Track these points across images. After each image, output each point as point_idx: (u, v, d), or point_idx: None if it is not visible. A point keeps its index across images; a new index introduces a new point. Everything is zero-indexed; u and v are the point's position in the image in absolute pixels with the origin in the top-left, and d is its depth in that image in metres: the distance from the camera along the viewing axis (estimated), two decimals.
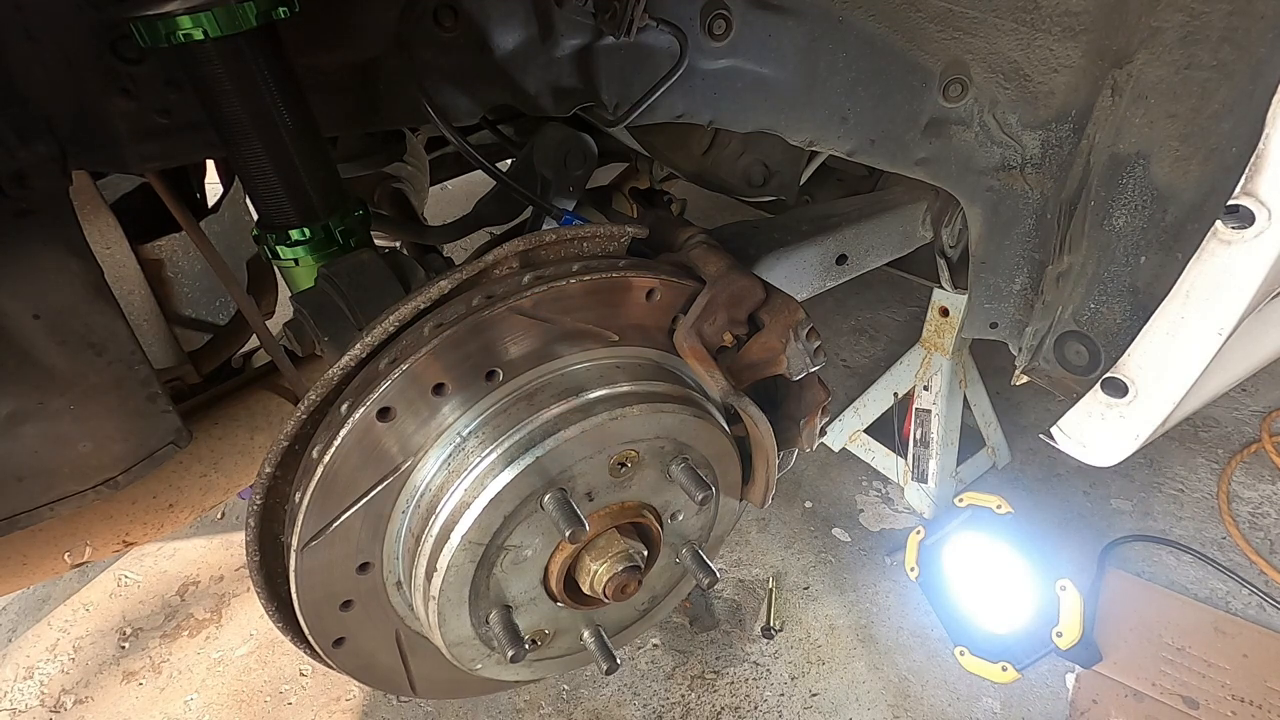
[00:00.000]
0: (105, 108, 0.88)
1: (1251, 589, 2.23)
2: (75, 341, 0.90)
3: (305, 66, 0.96)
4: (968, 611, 2.17)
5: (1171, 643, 2.13)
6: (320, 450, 0.78)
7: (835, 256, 1.44)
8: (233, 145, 0.91)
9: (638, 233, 0.93)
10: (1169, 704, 2.00)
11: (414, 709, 2.14)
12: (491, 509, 0.82)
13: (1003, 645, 2.09)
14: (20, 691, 2.25)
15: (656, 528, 0.95)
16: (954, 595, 2.20)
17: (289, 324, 0.96)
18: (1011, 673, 2.04)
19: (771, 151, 1.50)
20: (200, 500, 1.20)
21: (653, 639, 2.26)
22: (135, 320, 1.44)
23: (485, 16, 1.01)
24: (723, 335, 0.94)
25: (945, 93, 1.11)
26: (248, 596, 2.47)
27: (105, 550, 1.12)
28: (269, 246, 0.99)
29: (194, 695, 2.22)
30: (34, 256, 0.86)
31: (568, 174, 1.47)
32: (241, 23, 0.81)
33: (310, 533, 0.80)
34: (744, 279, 0.93)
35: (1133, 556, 2.39)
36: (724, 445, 0.96)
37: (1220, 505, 2.51)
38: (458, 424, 0.84)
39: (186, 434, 1.03)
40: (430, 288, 0.82)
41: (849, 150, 1.21)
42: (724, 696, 2.11)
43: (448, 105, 1.05)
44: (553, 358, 0.87)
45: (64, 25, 0.82)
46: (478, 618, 0.88)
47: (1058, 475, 2.67)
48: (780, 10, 1.08)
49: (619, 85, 1.11)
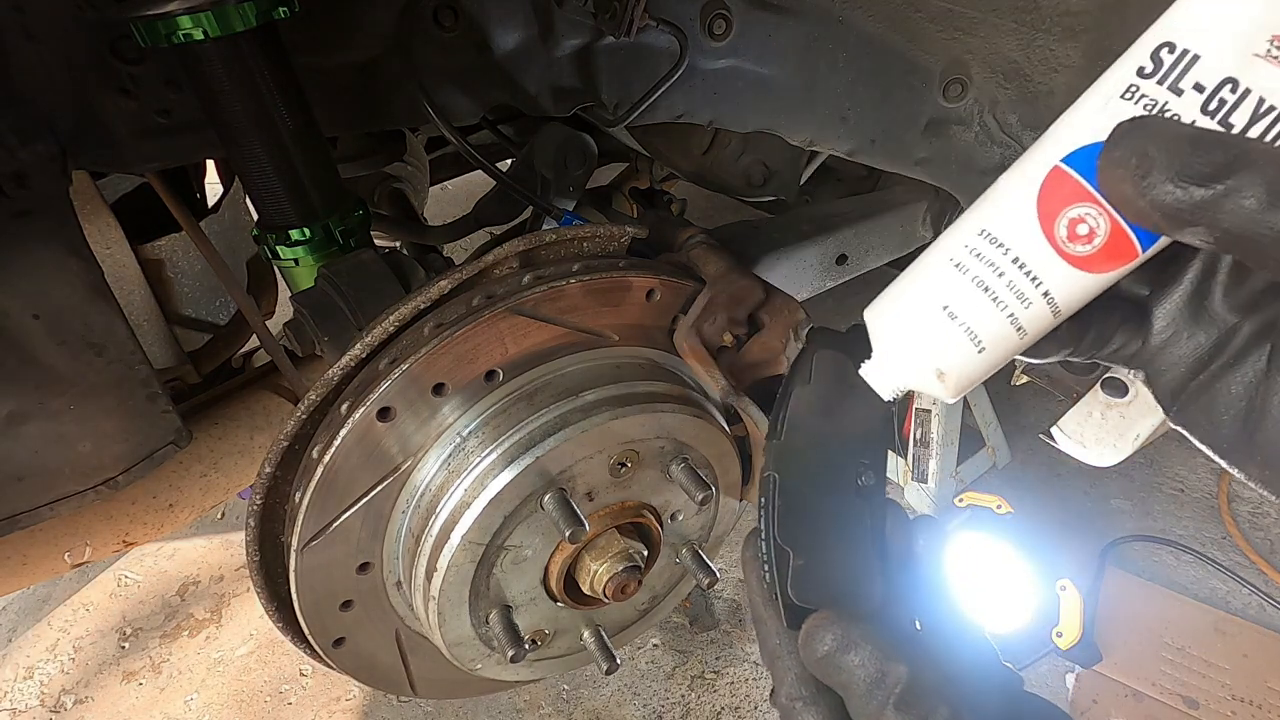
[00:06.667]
0: (105, 108, 0.88)
1: (1251, 589, 2.23)
2: (75, 341, 0.90)
3: (305, 66, 0.96)
4: (968, 611, 2.17)
5: (1171, 643, 2.13)
6: (320, 450, 0.78)
7: (835, 256, 1.44)
8: (232, 145, 0.91)
9: (638, 233, 0.93)
10: (1169, 704, 2.00)
11: (414, 709, 2.14)
12: (491, 509, 0.82)
13: (1003, 645, 2.09)
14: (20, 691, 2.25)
15: (656, 528, 0.95)
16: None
17: (289, 324, 0.96)
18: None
19: (771, 151, 1.50)
20: (200, 500, 1.20)
21: (653, 639, 2.26)
22: (135, 320, 1.44)
23: (485, 16, 1.01)
24: (723, 335, 0.94)
25: (945, 93, 1.11)
26: (248, 596, 2.47)
27: (105, 550, 1.12)
28: (269, 246, 0.99)
29: (194, 695, 2.22)
30: (34, 256, 0.86)
31: (568, 174, 1.47)
32: (241, 23, 0.81)
33: (310, 533, 0.80)
34: (744, 279, 0.93)
35: (1133, 556, 2.39)
36: (724, 445, 0.96)
37: (1220, 505, 2.51)
38: (458, 424, 0.84)
39: (186, 434, 1.03)
40: (430, 288, 0.82)
41: (849, 150, 1.21)
42: (724, 696, 2.11)
43: (448, 105, 1.05)
44: (553, 358, 0.87)
45: (64, 25, 0.82)
46: (478, 618, 0.88)
47: (1058, 475, 2.67)
48: (780, 10, 1.08)
49: (619, 85, 1.11)
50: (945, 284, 0.48)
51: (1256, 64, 0.39)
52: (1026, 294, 0.45)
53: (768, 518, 0.54)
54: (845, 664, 0.47)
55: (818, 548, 0.54)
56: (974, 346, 0.47)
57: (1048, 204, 0.44)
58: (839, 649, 0.47)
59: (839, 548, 0.55)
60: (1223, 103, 0.40)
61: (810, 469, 0.53)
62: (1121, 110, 0.42)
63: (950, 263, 0.47)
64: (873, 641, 0.47)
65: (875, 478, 0.56)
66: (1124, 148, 0.39)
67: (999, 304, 0.46)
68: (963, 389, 0.49)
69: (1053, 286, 0.45)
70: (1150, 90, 0.41)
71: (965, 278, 0.47)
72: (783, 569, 0.53)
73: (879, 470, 0.56)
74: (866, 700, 0.45)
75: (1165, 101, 0.41)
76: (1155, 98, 0.41)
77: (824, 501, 0.55)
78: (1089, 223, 0.43)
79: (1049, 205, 0.44)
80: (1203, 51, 0.40)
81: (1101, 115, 0.43)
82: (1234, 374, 0.44)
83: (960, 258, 0.47)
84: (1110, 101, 0.43)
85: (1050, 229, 0.44)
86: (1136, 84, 0.42)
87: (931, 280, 0.49)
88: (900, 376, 0.51)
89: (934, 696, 0.45)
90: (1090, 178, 0.43)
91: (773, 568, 0.53)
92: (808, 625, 0.49)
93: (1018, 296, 0.45)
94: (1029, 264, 0.45)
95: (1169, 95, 0.41)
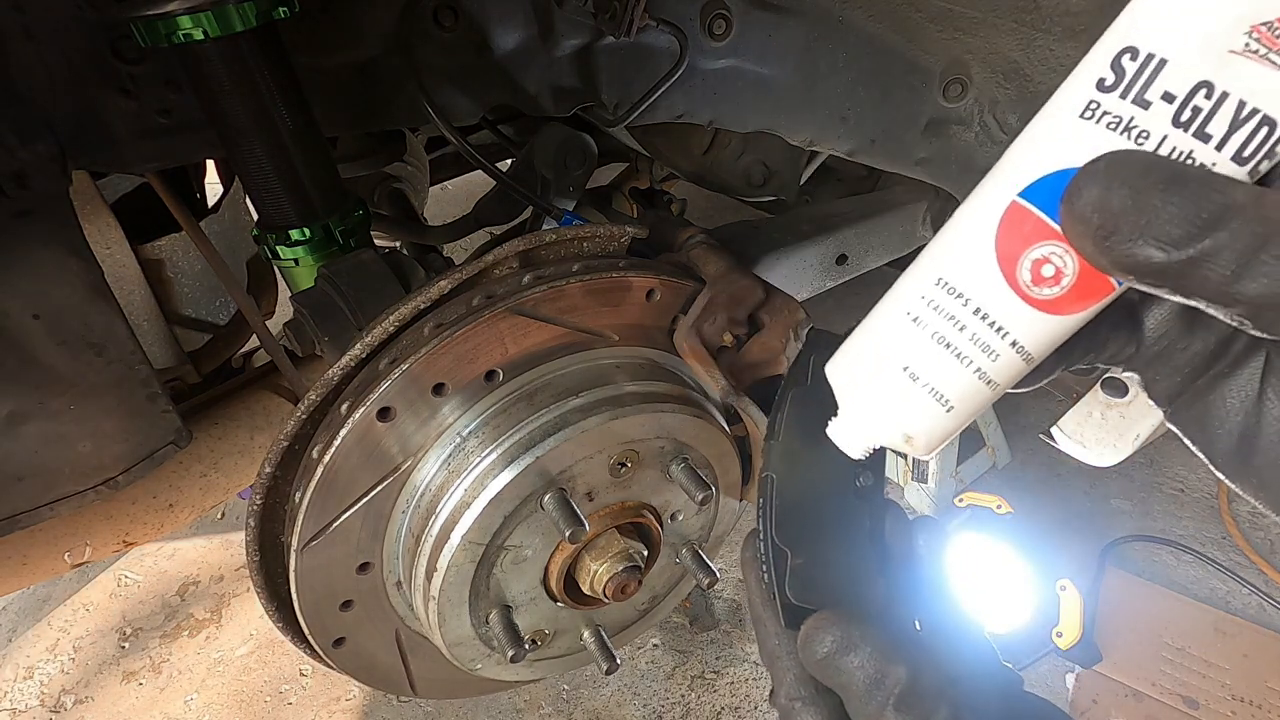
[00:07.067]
0: (105, 108, 0.88)
1: (1251, 589, 2.23)
2: (75, 341, 0.90)
3: (305, 66, 0.96)
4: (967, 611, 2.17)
5: (1171, 643, 2.13)
6: (320, 450, 0.78)
7: (835, 256, 1.44)
8: (232, 145, 0.91)
9: (638, 233, 0.93)
10: (1169, 704, 2.00)
11: (414, 709, 2.14)
12: (491, 509, 0.82)
13: (1003, 645, 2.09)
14: (20, 691, 2.25)
15: (656, 528, 0.95)
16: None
17: (289, 324, 0.96)
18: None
19: (771, 151, 1.50)
20: (200, 500, 1.20)
21: (653, 639, 2.26)
22: (135, 320, 1.44)
23: (485, 16, 1.01)
24: (723, 335, 0.94)
25: (945, 93, 1.11)
26: (248, 596, 2.47)
27: (105, 550, 1.12)
28: (269, 246, 0.99)
29: (194, 695, 2.22)
30: (34, 256, 0.86)
31: (568, 174, 1.47)
32: (241, 23, 0.81)
33: (310, 533, 0.80)
34: (744, 279, 0.93)
35: (1133, 556, 2.39)
36: (724, 445, 0.96)
37: (1220, 505, 2.51)
38: (458, 424, 0.84)
39: (186, 434, 1.03)
40: (430, 287, 0.82)
41: (849, 150, 1.21)
42: (724, 696, 2.11)
43: (448, 105, 1.05)
44: (553, 358, 0.87)
45: (64, 25, 0.82)
46: (478, 618, 0.88)
47: (1058, 475, 2.67)
48: (780, 10, 1.08)
49: (619, 85, 1.11)
50: (903, 342, 0.43)
51: (1234, 62, 0.34)
52: (992, 346, 0.41)
53: (766, 518, 0.53)
54: (844, 665, 0.46)
55: (816, 548, 0.54)
56: (941, 407, 0.43)
57: (1007, 245, 0.39)
58: (838, 650, 0.47)
59: (838, 548, 0.55)
60: (1197, 111, 0.35)
61: (808, 470, 0.53)
62: (1081, 133, 0.37)
63: (907, 317, 0.43)
64: (872, 642, 0.46)
65: (873, 478, 0.56)
66: (1084, 200, 0.35)
67: (963, 360, 0.42)
68: (936, 447, 0.46)
69: (1021, 335, 0.41)
70: (1113, 106, 0.37)
71: (924, 334, 0.42)
72: (781, 569, 0.52)
73: (877, 471, 0.56)
74: (866, 701, 0.45)
75: (1131, 117, 0.36)
76: (1119, 114, 0.36)
77: (822, 502, 0.55)
78: (1055, 263, 0.39)
79: (1009, 247, 0.39)
80: (1170, 54, 0.35)
81: (1059, 140, 0.38)
82: (1230, 383, 0.42)
83: (917, 311, 0.43)
84: (1068, 122, 0.38)
85: (1012, 273, 0.39)
86: (1097, 100, 0.37)
87: (889, 338, 0.45)
88: (867, 438, 0.48)
89: (933, 697, 0.45)
90: (1052, 213, 0.38)
91: (771, 568, 0.53)
92: (807, 626, 0.49)
93: (983, 350, 0.41)
94: (992, 314, 0.40)
95: (1134, 110, 0.36)
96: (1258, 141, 0.35)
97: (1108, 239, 0.34)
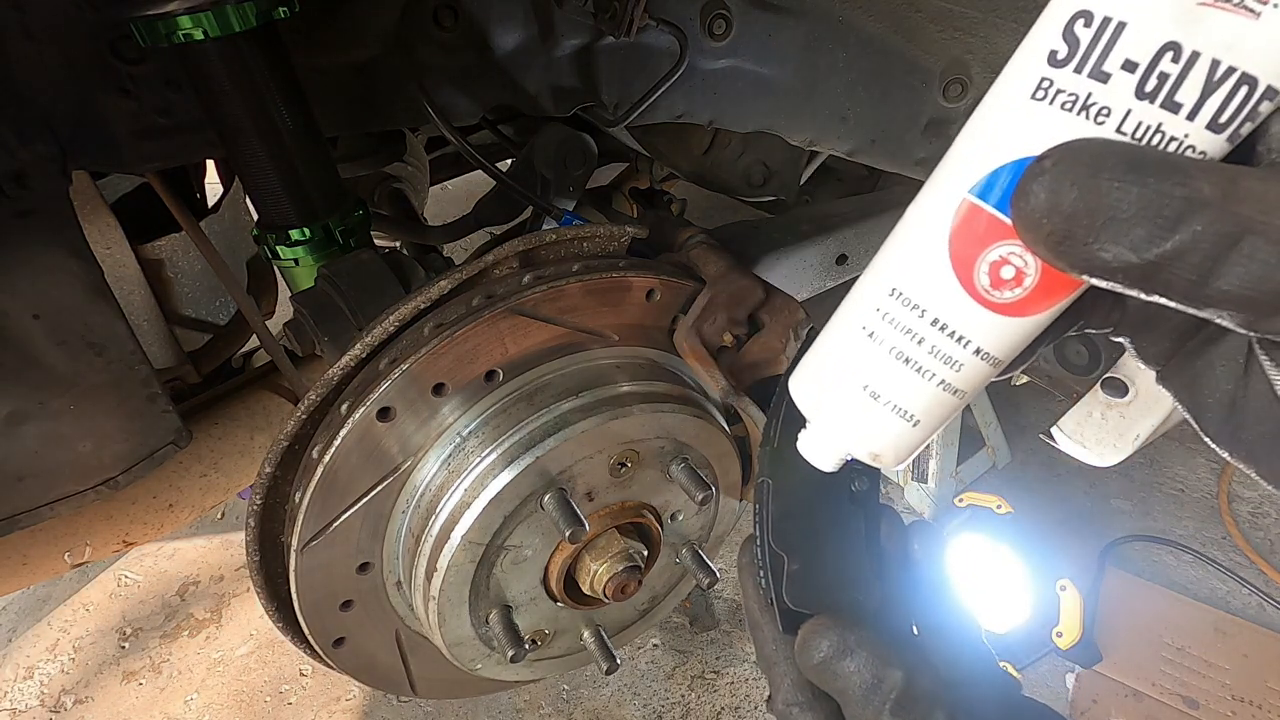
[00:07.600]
0: (105, 108, 0.88)
1: (1251, 589, 2.24)
2: (75, 341, 0.90)
3: (305, 66, 0.96)
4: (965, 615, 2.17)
5: (1171, 643, 2.13)
6: (320, 450, 0.78)
7: (835, 256, 1.44)
8: (232, 145, 0.91)
9: (638, 233, 0.93)
10: (1169, 704, 2.00)
11: (414, 709, 2.14)
12: (491, 509, 0.82)
13: (1003, 645, 2.09)
14: (20, 691, 2.25)
15: (656, 528, 0.95)
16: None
17: (289, 324, 0.96)
18: (1011, 672, 2.05)
19: (771, 151, 1.50)
20: (200, 500, 1.20)
21: (653, 639, 2.26)
22: (135, 320, 1.44)
23: (485, 17, 1.01)
24: (723, 335, 0.94)
25: (945, 92, 1.11)
26: (248, 596, 2.47)
27: (105, 550, 1.12)
28: (269, 246, 0.99)
29: (194, 695, 2.22)
30: (34, 256, 0.86)
31: (568, 174, 1.47)
32: (241, 23, 0.81)
33: (310, 533, 0.80)
34: (744, 279, 0.93)
35: (1133, 556, 2.39)
36: (724, 445, 0.96)
37: (1220, 505, 2.51)
38: (458, 424, 0.84)
39: (186, 434, 1.03)
40: (430, 287, 0.82)
41: (849, 150, 1.21)
42: (724, 696, 2.11)
43: (448, 105, 1.05)
44: (553, 358, 0.87)
45: (64, 25, 0.82)
46: (478, 618, 0.88)
47: (1058, 475, 2.67)
48: (780, 10, 1.08)
49: (619, 85, 1.11)
50: (861, 360, 0.41)
51: (1203, 15, 0.29)
52: (954, 357, 0.38)
53: (762, 523, 0.53)
54: (841, 669, 0.46)
55: (813, 553, 0.54)
56: (906, 423, 0.41)
57: (962, 248, 0.36)
58: (835, 654, 0.47)
59: (834, 553, 0.55)
60: (1164, 78, 0.30)
61: (804, 474, 0.51)
62: (1034, 117, 0.33)
63: (863, 332, 0.40)
64: (869, 646, 0.46)
65: (869, 483, 0.56)
66: (1033, 204, 0.31)
67: (924, 374, 0.39)
68: (905, 458, 0.44)
69: (984, 342, 0.38)
70: (1067, 82, 0.32)
71: (881, 350, 0.40)
72: (778, 574, 0.53)
73: (872, 475, 0.56)
74: (863, 706, 0.45)
75: (1089, 94, 0.32)
76: (1075, 91, 0.32)
77: (818, 507, 0.55)
78: (1015, 263, 0.35)
79: (963, 250, 0.36)
80: (1129, 14, 0.30)
81: (1010, 128, 0.34)
82: (1218, 350, 0.40)
83: (872, 325, 0.40)
84: (1019, 106, 0.34)
85: (969, 278, 0.36)
86: (1049, 77, 0.33)
87: (846, 355, 0.42)
88: (836, 452, 0.46)
89: (930, 701, 0.44)
90: (1008, 210, 0.34)
91: (768, 573, 0.53)
92: (803, 631, 0.49)
93: (944, 362, 0.38)
94: (950, 324, 0.37)
95: (1092, 85, 0.32)
96: (1236, 103, 0.30)
97: (1062, 243, 0.31)
